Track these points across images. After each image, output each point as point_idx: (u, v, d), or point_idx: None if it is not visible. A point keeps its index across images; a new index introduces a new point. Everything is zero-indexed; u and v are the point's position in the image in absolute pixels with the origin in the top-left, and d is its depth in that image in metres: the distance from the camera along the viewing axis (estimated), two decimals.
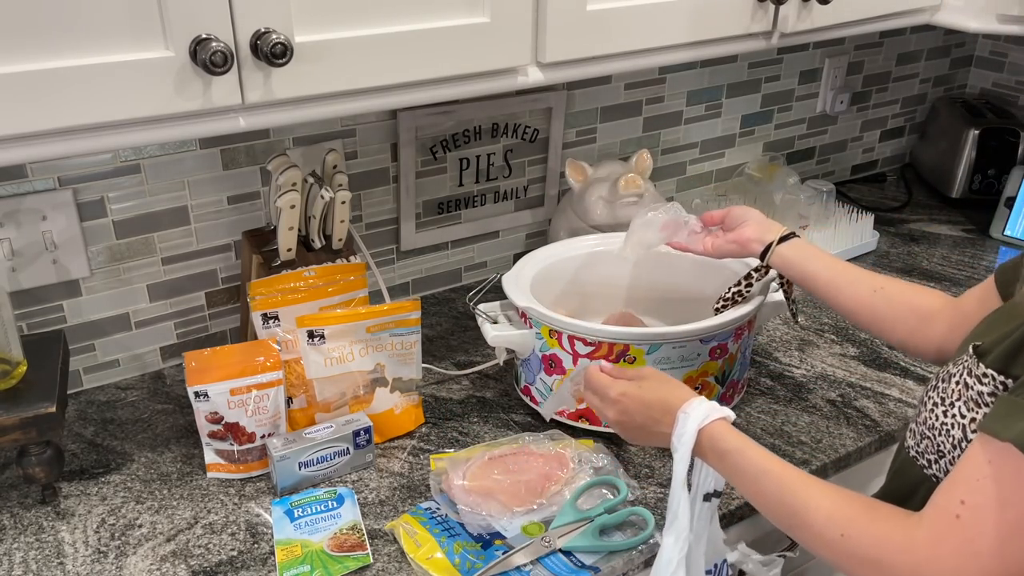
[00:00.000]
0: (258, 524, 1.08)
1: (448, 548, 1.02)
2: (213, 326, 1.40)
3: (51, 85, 0.82)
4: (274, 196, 1.21)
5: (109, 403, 1.30)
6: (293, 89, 0.94)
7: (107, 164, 1.22)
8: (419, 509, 1.09)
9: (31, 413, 1.02)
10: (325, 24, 0.94)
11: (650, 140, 1.72)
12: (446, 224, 1.56)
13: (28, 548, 1.04)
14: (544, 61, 1.11)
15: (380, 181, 1.46)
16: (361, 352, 1.18)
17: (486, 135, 1.53)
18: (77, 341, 1.29)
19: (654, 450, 1.20)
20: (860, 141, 2.10)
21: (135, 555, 1.03)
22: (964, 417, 0.81)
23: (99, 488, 1.13)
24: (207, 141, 1.28)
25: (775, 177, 1.82)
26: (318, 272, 1.21)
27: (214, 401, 1.11)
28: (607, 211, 1.47)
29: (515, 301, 1.20)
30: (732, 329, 1.18)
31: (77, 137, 0.87)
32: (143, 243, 1.29)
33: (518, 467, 1.12)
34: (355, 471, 1.16)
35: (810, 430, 1.25)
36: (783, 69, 1.85)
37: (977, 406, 0.80)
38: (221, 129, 0.94)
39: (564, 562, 1.01)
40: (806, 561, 1.32)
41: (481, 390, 1.33)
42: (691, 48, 1.24)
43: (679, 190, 1.82)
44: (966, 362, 0.83)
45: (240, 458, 1.14)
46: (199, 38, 0.86)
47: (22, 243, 1.20)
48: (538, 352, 1.20)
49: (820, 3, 1.29)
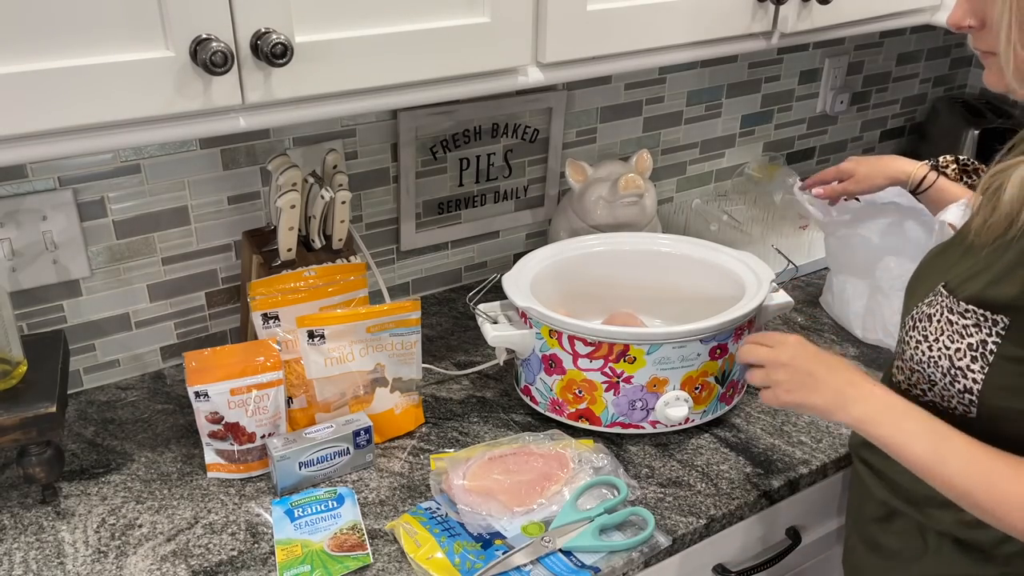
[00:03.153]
0: (258, 524, 1.08)
1: (448, 548, 1.02)
2: (213, 326, 1.40)
3: (51, 85, 0.82)
4: (274, 196, 1.21)
5: (109, 403, 1.30)
6: (293, 89, 0.94)
7: (107, 164, 1.22)
8: (419, 509, 1.09)
9: (31, 413, 1.02)
10: (325, 24, 0.94)
11: (650, 140, 1.72)
12: (446, 224, 1.56)
13: (28, 548, 1.04)
14: (544, 61, 1.11)
15: (380, 181, 1.46)
16: (361, 352, 1.18)
17: (486, 135, 1.53)
18: (77, 341, 1.29)
19: (654, 450, 1.20)
20: (860, 141, 2.10)
21: (135, 555, 1.03)
22: (949, 348, 0.90)
23: (99, 488, 1.13)
24: (207, 141, 1.28)
25: (775, 177, 1.82)
26: (318, 272, 1.21)
27: (214, 401, 1.11)
28: (607, 211, 1.47)
29: (515, 301, 1.20)
30: (732, 329, 1.18)
31: (77, 137, 0.87)
32: (143, 243, 1.29)
33: (518, 467, 1.12)
34: (355, 471, 1.16)
35: (810, 430, 1.25)
36: (783, 69, 1.85)
37: (961, 337, 0.89)
38: (221, 129, 0.94)
39: (564, 562, 1.01)
40: (804, 562, 1.32)
41: (481, 390, 1.33)
42: (691, 48, 1.24)
43: (679, 190, 1.83)
44: (942, 301, 0.91)
45: (240, 458, 1.14)
46: (199, 38, 0.86)
47: (22, 243, 1.20)
48: (538, 352, 1.20)
49: (820, 3, 1.29)
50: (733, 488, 1.14)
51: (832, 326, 1.51)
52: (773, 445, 1.22)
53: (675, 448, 1.21)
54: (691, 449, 1.21)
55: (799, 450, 1.21)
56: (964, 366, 0.89)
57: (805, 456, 1.20)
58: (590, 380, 1.17)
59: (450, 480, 1.10)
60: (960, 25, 0.88)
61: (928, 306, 0.93)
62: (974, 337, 0.88)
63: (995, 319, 0.86)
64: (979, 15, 0.86)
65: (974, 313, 0.87)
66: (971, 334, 0.88)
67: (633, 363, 1.15)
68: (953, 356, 0.90)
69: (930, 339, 0.92)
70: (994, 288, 0.86)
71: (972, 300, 0.88)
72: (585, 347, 1.16)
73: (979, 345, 0.87)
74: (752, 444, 1.22)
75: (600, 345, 1.15)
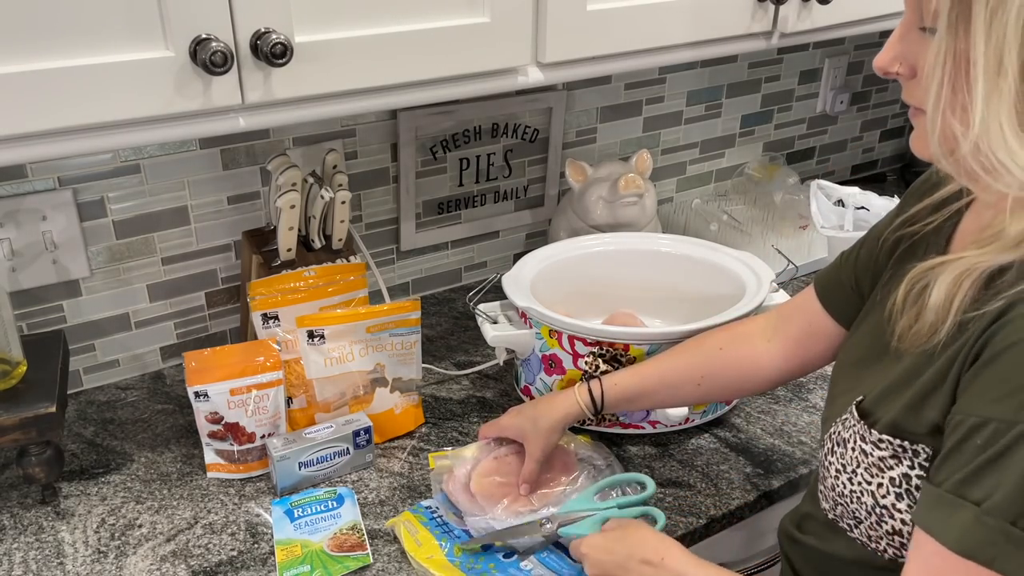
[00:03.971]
0: (258, 524, 1.08)
1: (448, 549, 1.02)
2: (213, 326, 1.40)
3: (51, 85, 0.82)
4: (274, 196, 1.21)
5: (109, 403, 1.30)
6: (293, 89, 0.94)
7: (107, 164, 1.22)
8: (420, 507, 1.09)
9: (31, 413, 1.02)
10: (325, 24, 0.94)
11: (650, 140, 1.72)
12: (446, 224, 1.56)
13: (28, 548, 1.04)
14: (544, 61, 1.11)
15: (380, 181, 1.46)
16: (361, 352, 1.18)
17: (486, 135, 1.53)
18: (77, 341, 1.29)
19: (654, 450, 1.20)
20: (860, 141, 2.10)
21: (135, 555, 1.03)
22: (871, 484, 0.79)
23: (99, 488, 1.13)
24: (207, 141, 1.27)
25: (775, 177, 1.82)
26: (318, 272, 1.21)
27: (214, 401, 1.11)
28: (607, 211, 1.47)
29: (515, 301, 1.20)
30: None
31: (77, 137, 0.87)
32: (143, 243, 1.29)
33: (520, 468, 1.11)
34: (355, 471, 1.16)
35: (810, 430, 1.25)
36: (783, 69, 1.84)
37: (880, 471, 0.78)
38: (221, 129, 0.94)
39: (562, 559, 1.01)
40: None
41: (481, 390, 1.33)
42: (691, 48, 1.24)
43: (679, 190, 1.83)
44: (855, 426, 0.80)
45: (240, 458, 1.14)
46: (199, 38, 0.86)
47: (22, 243, 1.20)
48: (538, 352, 1.20)
49: (820, 3, 1.29)
50: (733, 488, 1.14)
51: None
52: (773, 445, 1.22)
53: (675, 448, 1.21)
54: (691, 449, 1.21)
55: (799, 450, 1.21)
56: (889, 504, 0.77)
57: (805, 456, 1.20)
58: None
59: (452, 479, 1.09)
60: (887, 71, 0.74)
61: (844, 427, 0.82)
62: (895, 470, 0.76)
63: (915, 449, 0.75)
64: (910, 61, 0.72)
65: (890, 444, 0.77)
66: (891, 467, 0.77)
67: (633, 364, 1.15)
68: (875, 492, 0.78)
69: (848, 470, 0.81)
70: (912, 415, 0.75)
71: (887, 430, 0.77)
72: (585, 347, 1.16)
73: (902, 480, 0.76)
74: (752, 444, 1.22)
75: (600, 345, 1.15)
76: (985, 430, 0.66)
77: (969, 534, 0.65)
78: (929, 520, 0.69)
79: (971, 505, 0.66)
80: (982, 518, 0.65)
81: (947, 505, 0.68)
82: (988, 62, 0.64)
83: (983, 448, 0.66)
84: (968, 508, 0.66)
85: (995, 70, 0.63)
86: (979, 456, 0.66)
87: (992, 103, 0.64)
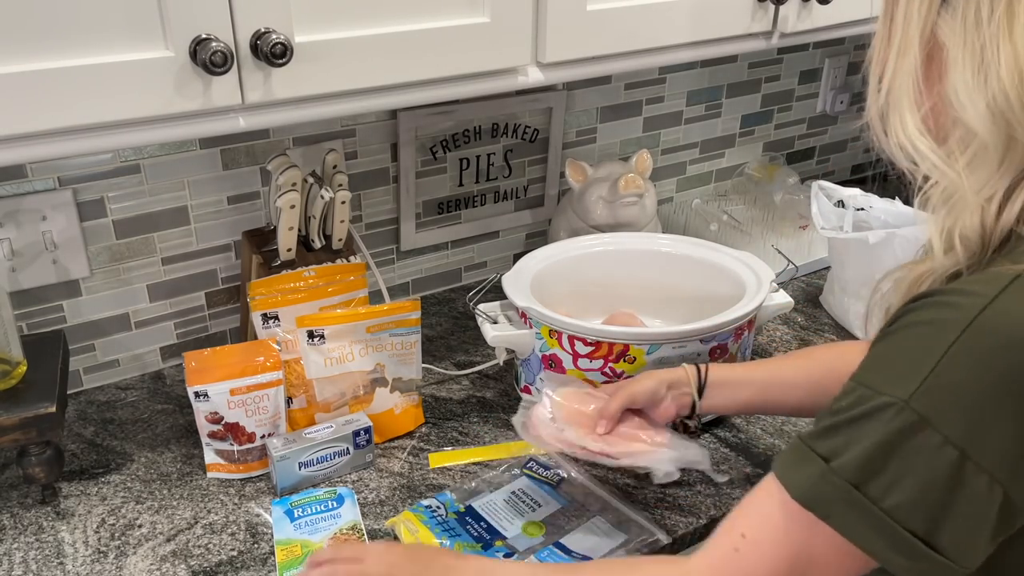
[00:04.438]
0: (258, 524, 1.08)
1: (448, 548, 1.02)
2: (213, 326, 1.40)
3: (51, 85, 0.82)
4: (274, 196, 1.21)
5: (109, 403, 1.30)
6: (293, 89, 0.94)
7: (107, 164, 1.22)
8: (420, 506, 1.09)
9: (31, 413, 1.02)
10: (325, 24, 0.94)
11: (650, 140, 1.72)
12: (446, 224, 1.56)
13: (28, 548, 1.04)
14: (544, 61, 1.11)
15: (380, 181, 1.46)
16: (361, 352, 1.18)
17: (486, 135, 1.53)
18: (77, 341, 1.29)
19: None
20: (860, 141, 2.10)
21: (135, 555, 1.03)
22: None
23: (99, 488, 1.13)
24: (207, 141, 1.28)
25: (775, 177, 1.82)
26: (318, 272, 1.21)
27: (214, 401, 1.11)
28: (607, 211, 1.47)
29: (515, 301, 1.20)
30: (732, 329, 1.18)
31: (77, 137, 0.87)
32: (143, 243, 1.29)
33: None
34: (355, 471, 1.16)
35: None
36: (783, 69, 1.85)
37: None
38: (221, 129, 0.94)
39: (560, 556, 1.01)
40: None
41: (481, 390, 1.33)
42: (691, 48, 1.24)
43: (679, 190, 1.83)
44: None
45: (240, 458, 1.14)
46: (199, 38, 0.86)
47: (22, 243, 1.20)
48: (538, 352, 1.20)
49: (820, 3, 1.29)
50: (733, 488, 1.14)
51: (832, 326, 1.51)
52: (773, 445, 1.22)
53: None
54: None
55: None
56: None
57: None
58: (590, 380, 1.17)
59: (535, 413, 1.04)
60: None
61: None
62: None
63: None
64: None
65: None
66: None
67: (633, 363, 1.15)
68: None
69: None
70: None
71: None
72: (585, 347, 1.16)
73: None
74: (752, 444, 1.22)
75: (600, 345, 1.15)
76: (853, 394, 0.67)
77: (814, 487, 0.67)
78: (781, 466, 0.71)
79: (820, 460, 0.67)
80: (828, 475, 0.66)
81: (800, 455, 0.69)
82: (897, 41, 0.68)
83: (846, 409, 0.67)
84: (817, 463, 0.67)
85: (902, 49, 0.67)
86: (840, 416, 0.67)
87: (896, 82, 0.68)
